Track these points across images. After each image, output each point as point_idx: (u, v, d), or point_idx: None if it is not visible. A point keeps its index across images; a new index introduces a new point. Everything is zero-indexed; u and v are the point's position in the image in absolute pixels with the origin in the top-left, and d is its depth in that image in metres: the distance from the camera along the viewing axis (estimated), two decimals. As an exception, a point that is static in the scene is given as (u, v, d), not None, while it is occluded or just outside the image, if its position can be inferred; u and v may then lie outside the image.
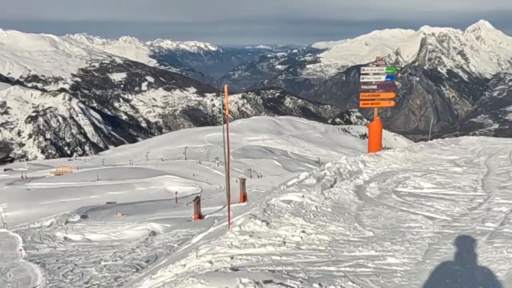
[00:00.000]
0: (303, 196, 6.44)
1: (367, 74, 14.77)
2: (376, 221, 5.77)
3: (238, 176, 45.01)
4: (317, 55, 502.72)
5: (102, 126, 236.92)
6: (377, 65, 14.76)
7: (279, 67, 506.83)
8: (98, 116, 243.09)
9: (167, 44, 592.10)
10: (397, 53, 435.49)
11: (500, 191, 7.76)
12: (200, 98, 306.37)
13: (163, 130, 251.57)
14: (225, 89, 5.62)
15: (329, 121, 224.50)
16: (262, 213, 5.53)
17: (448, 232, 5.26)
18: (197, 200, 21.63)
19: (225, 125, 5.91)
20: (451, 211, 6.42)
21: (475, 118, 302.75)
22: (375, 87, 14.64)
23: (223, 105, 5.44)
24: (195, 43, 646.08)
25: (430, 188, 8.01)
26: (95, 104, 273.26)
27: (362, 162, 10.35)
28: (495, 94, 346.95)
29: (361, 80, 14.71)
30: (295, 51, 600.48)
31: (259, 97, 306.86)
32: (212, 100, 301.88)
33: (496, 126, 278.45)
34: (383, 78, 14.57)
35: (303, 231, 4.96)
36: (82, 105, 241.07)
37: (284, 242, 4.63)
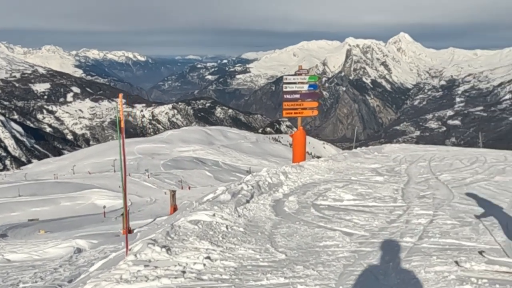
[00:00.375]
0: (213, 215, 5.88)
1: (290, 83, 14.55)
2: (291, 240, 5.32)
3: (169, 188, 43.84)
4: (247, 66, 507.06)
5: (24, 139, 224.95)
6: (299, 74, 14.58)
7: (210, 77, 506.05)
8: (19, 128, 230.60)
9: (94, 54, 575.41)
10: (324, 64, 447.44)
11: (419, 201, 7.65)
12: (130, 109, 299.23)
13: (91, 142, 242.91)
14: (120, 98, 4.92)
15: (260, 131, 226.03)
16: (165, 237, 4.89)
17: (365, 250, 4.91)
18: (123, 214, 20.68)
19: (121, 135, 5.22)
20: (370, 225, 6.12)
21: (398, 126, 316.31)
22: (298, 96, 14.41)
23: (119, 115, 4.74)
24: (123, 53, 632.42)
25: (351, 200, 7.74)
26: (16, 116, 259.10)
27: (284, 174, 9.97)
28: (416, 102, 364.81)
29: (284, 90, 14.45)
30: (225, 61, 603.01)
31: (189, 107, 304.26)
32: (142, 111, 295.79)
33: (417, 133, 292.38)
34: (305, 87, 14.37)
35: (208, 257, 4.39)
36: (1, 117, 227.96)
37: (184, 272, 4.00)
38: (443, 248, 4.91)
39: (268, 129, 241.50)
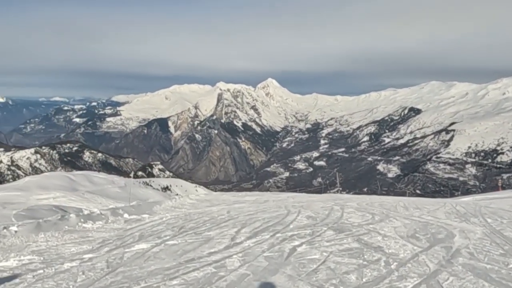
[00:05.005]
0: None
1: None
2: None
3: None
4: (118, 108, 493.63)
5: None
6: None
7: (77, 120, 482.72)
8: None
9: None
10: (196, 107, 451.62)
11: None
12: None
13: None
14: None
15: (131, 175, 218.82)
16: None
17: None
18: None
19: None
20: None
21: (269, 167, 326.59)
22: None
23: None
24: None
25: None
26: None
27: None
28: (284, 145, 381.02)
29: None
30: (94, 103, 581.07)
31: (54, 151, 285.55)
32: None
33: (287, 174, 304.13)
34: None
35: None
36: None
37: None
38: None
39: (140, 172, 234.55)
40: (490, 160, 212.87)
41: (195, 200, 20.89)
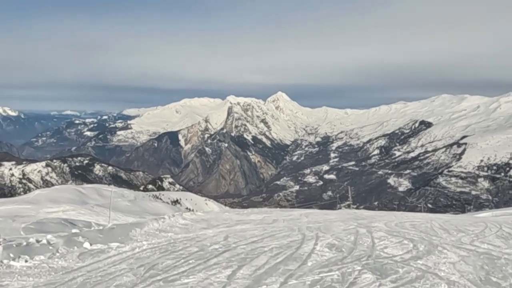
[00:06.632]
0: None
1: None
2: None
3: None
4: (128, 122, 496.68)
5: None
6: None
7: (88, 133, 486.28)
8: None
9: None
10: (206, 121, 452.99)
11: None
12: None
13: None
14: None
15: (141, 188, 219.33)
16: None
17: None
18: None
19: None
20: None
21: (279, 180, 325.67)
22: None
23: None
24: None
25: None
26: None
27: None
28: (294, 158, 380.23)
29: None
30: (105, 117, 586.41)
31: (65, 165, 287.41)
32: (11, 169, 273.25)
33: (297, 187, 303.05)
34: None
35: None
36: None
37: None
38: None
39: (150, 186, 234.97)
40: (502, 174, 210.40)
41: (190, 220, 17.62)
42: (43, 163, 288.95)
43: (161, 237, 12.58)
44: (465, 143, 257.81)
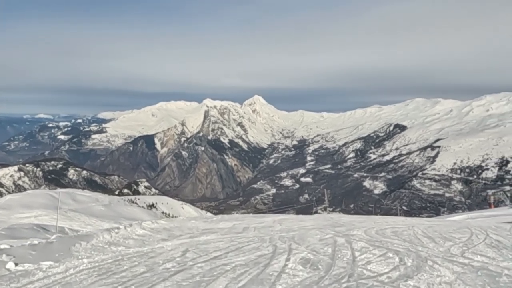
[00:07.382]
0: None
1: None
2: None
3: None
4: (103, 125, 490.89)
5: None
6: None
7: (62, 137, 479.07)
8: None
9: None
10: (182, 124, 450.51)
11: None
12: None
13: None
14: None
15: (117, 192, 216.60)
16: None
17: None
18: None
19: None
20: None
21: (256, 184, 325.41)
22: None
23: None
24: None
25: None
26: None
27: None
28: (271, 161, 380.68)
29: None
30: (79, 120, 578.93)
31: (38, 169, 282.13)
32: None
33: (274, 191, 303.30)
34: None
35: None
36: None
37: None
38: None
39: (125, 190, 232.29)
40: (475, 176, 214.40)
41: (150, 230, 15.75)
42: (16, 168, 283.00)
43: (108, 252, 10.77)
44: (439, 146, 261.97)
